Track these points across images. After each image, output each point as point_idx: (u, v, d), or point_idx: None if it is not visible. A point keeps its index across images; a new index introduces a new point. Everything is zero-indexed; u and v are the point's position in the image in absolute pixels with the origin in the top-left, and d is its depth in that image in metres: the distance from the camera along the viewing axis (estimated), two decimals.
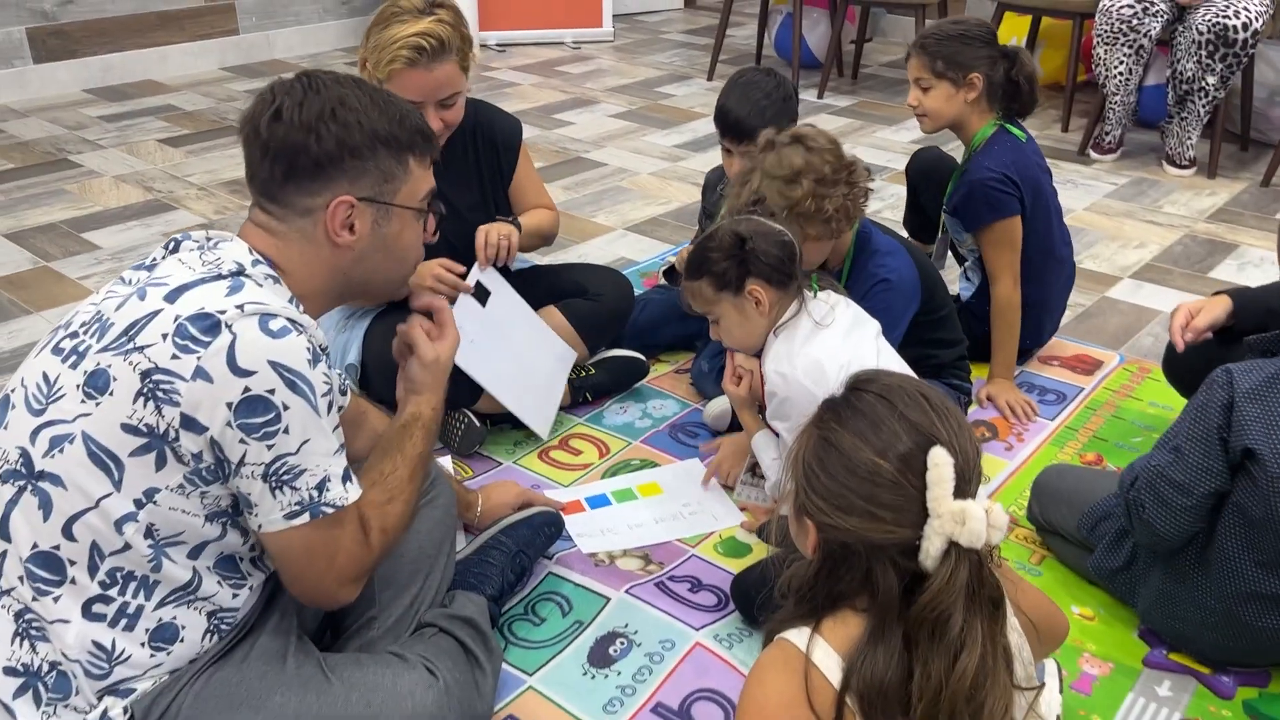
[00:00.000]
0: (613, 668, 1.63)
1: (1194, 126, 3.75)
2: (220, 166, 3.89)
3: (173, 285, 1.20)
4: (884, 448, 1.07)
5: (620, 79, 5.15)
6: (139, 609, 1.23)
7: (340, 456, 1.25)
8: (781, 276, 1.70)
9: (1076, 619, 1.74)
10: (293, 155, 1.26)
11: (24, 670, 1.22)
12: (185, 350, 1.15)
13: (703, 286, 1.73)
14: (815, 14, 5.11)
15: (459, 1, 5.50)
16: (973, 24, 2.30)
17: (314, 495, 1.22)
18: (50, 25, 4.67)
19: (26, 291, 2.90)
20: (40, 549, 1.20)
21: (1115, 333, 2.72)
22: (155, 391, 1.15)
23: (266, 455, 1.18)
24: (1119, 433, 2.27)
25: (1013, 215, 2.25)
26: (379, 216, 1.32)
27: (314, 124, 1.26)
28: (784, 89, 2.33)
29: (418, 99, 1.97)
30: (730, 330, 1.76)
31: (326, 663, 1.35)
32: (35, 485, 1.19)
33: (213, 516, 1.23)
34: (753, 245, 1.67)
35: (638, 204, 3.59)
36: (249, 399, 1.16)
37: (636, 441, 2.24)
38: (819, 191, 1.85)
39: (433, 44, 1.95)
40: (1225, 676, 1.63)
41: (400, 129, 1.31)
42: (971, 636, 1.05)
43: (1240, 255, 3.18)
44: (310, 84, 1.29)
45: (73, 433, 1.18)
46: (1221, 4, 3.50)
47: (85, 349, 1.20)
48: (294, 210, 1.28)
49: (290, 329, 1.19)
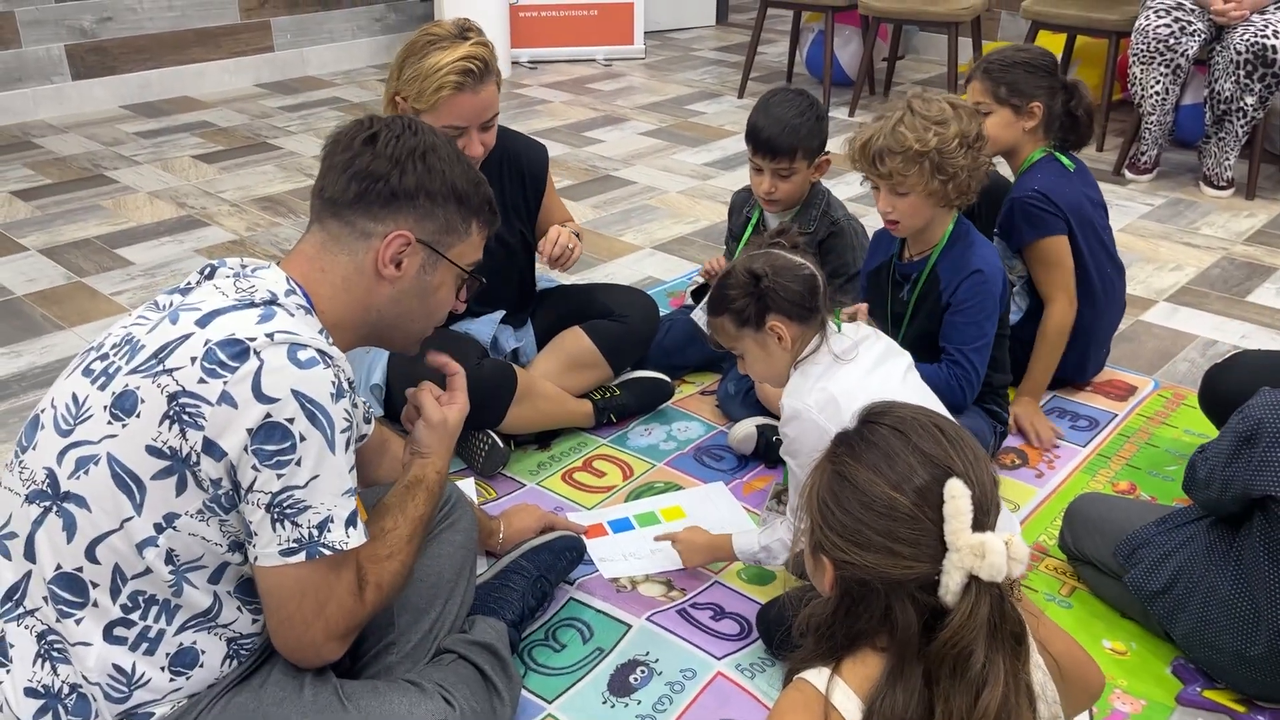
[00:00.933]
0: (633, 696, 1.62)
1: (1232, 147, 3.70)
2: (253, 183, 3.92)
3: (205, 310, 1.22)
4: (899, 480, 1.05)
5: (651, 96, 5.16)
6: (160, 633, 1.23)
7: (349, 500, 1.23)
8: (802, 311, 1.68)
9: (1108, 653, 1.70)
10: (373, 180, 1.30)
11: (45, 692, 1.23)
12: (213, 374, 1.16)
13: (724, 323, 1.72)
14: (847, 31, 5.09)
15: (493, 22, 5.55)
16: (1037, 53, 2.31)
17: (313, 534, 1.20)
18: (89, 42, 4.74)
19: (60, 307, 2.93)
20: (63, 570, 1.20)
21: (1150, 358, 2.68)
22: (181, 414, 1.16)
23: (275, 484, 1.18)
24: (1153, 461, 2.22)
25: (1056, 234, 2.24)
26: (427, 262, 1.35)
27: (403, 159, 1.31)
28: (816, 109, 2.33)
29: (463, 123, 1.99)
30: (754, 365, 1.76)
31: (343, 690, 1.34)
32: (60, 506, 1.20)
33: (235, 546, 1.23)
34: (769, 282, 1.65)
35: (666, 223, 3.58)
36: (268, 425, 1.16)
37: (661, 464, 2.22)
38: (962, 144, 1.89)
39: (479, 66, 1.97)
40: (1260, 716, 1.58)
41: (475, 193, 1.37)
42: (994, 673, 1.02)
43: (1279, 279, 3.12)
44: (409, 125, 1.35)
45: (99, 454, 1.19)
46: (1260, 24, 3.44)
47: (115, 370, 1.21)
48: (353, 231, 1.31)
49: (318, 360, 1.20)
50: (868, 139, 1.94)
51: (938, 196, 1.93)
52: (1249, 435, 1.54)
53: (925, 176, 1.89)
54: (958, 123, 1.89)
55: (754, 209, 2.48)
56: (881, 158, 1.91)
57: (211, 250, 3.30)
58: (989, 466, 1.08)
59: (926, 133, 1.88)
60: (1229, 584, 1.57)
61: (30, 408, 2.44)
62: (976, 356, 2.00)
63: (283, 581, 1.21)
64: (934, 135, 1.87)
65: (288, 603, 1.23)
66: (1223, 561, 1.59)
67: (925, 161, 1.88)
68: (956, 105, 1.93)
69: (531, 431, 2.24)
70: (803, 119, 2.29)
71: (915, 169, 1.88)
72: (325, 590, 1.23)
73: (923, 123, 1.89)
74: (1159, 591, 1.66)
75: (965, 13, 4.44)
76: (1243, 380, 1.93)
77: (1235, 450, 1.55)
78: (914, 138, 1.88)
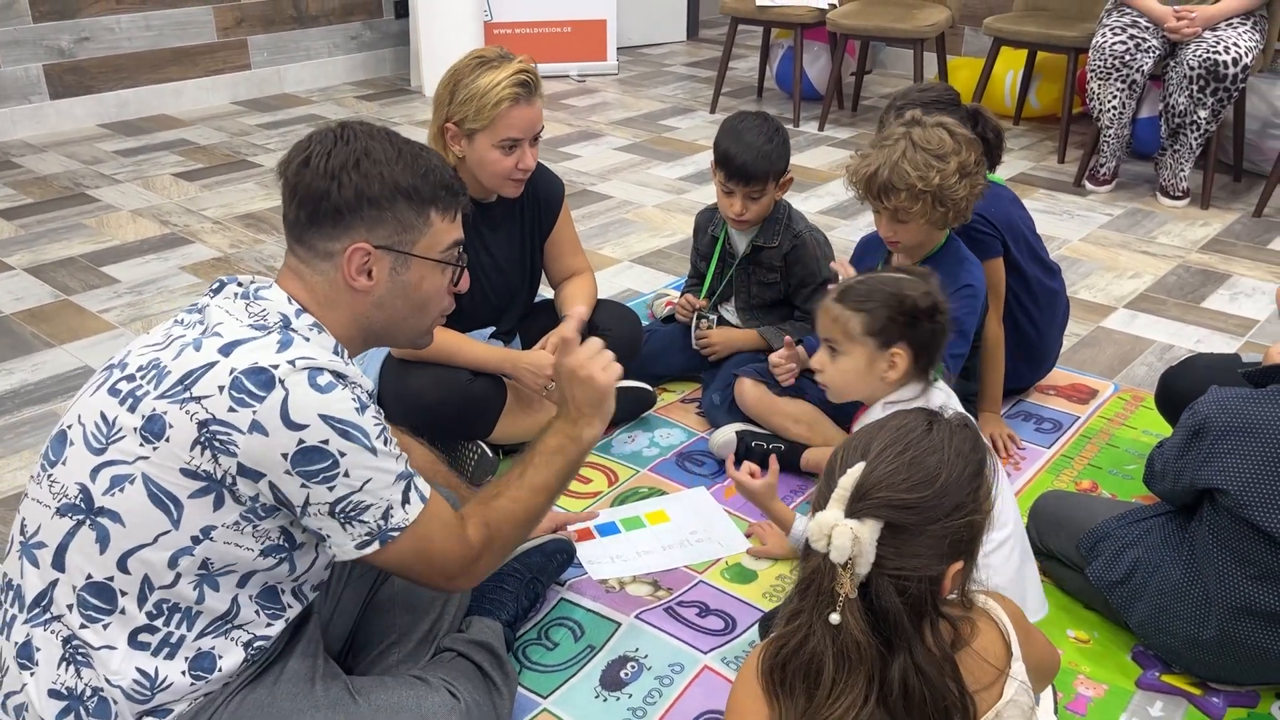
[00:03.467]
0: (624, 690, 1.69)
1: (1187, 159, 3.84)
2: (234, 200, 3.98)
3: (226, 339, 1.27)
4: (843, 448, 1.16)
5: (625, 112, 5.25)
6: (181, 639, 1.29)
7: (400, 482, 1.31)
8: (928, 357, 1.67)
9: (1072, 642, 1.80)
10: (316, 201, 1.33)
11: (68, 694, 1.28)
12: (241, 404, 1.22)
13: (852, 320, 1.66)
14: (816, 48, 5.21)
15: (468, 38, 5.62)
16: (941, 89, 2.41)
17: (380, 525, 1.30)
18: (67, 62, 4.77)
19: (49, 325, 2.98)
20: (94, 579, 1.26)
21: (1110, 362, 2.79)
22: (212, 441, 1.22)
23: (329, 496, 1.26)
24: (1113, 460, 2.33)
25: (994, 257, 2.32)
26: (396, 265, 1.37)
27: (337, 173, 1.32)
28: (781, 132, 2.44)
29: (520, 135, 2.10)
30: (843, 372, 1.70)
31: (353, 685, 1.41)
32: (94, 520, 1.26)
33: (267, 551, 1.30)
34: (933, 321, 1.63)
35: (643, 236, 3.67)
36: (304, 449, 1.23)
37: (644, 470, 2.30)
38: (961, 175, 1.93)
39: (532, 80, 2.10)
40: (1215, 698, 1.68)
41: (423, 182, 1.36)
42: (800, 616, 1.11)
43: (1233, 285, 3.26)
44: (342, 134, 1.35)
45: (133, 474, 1.24)
46: (1212, 40, 3.59)
47: (142, 394, 1.26)
48: (316, 254, 1.35)
49: (335, 383, 1.26)
50: (872, 172, 1.97)
51: (938, 223, 2.00)
52: (1197, 430, 1.64)
53: (928, 209, 1.95)
54: (956, 155, 1.94)
55: (719, 228, 2.58)
56: (886, 193, 1.96)
57: (197, 268, 3.36)
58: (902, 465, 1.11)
59: (929, 171, 1.92)
60: (1181, 572, 1.67)
61: (25, 424, 2.49)
62: (954, 364, 2.09)
63: (385, 563, 1.34)
64: (936, 174, 1.92)
65: (396, 570, 1.36)
66: (1176, 551, 1.70)
67: (928, 196, 1.93)
68: (954, 133, 1.97)
69: (519, 441, 2.31)
70: (772, 144, 2.39)
71: (919, 204, 1.94)
72: (420, 553, 1.34)
73: (924, 158, 1.92)
74: (1118, 582, 1.76)
75: (930, 30, 4.57)
76: (1196, 382, 2.04)
77: (1185, 444, 1.66)
78: (917, 176, 1.92)
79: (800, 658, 1.11)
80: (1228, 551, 1.60)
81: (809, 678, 1.10)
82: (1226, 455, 1.58)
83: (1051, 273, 2.51)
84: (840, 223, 3.77)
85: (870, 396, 1.74)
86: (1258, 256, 3.47)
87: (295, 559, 1.34)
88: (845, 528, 1.07)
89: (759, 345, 2.50)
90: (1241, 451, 1.56)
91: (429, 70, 5.42)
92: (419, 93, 5.53)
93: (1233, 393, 1.67)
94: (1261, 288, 3.23)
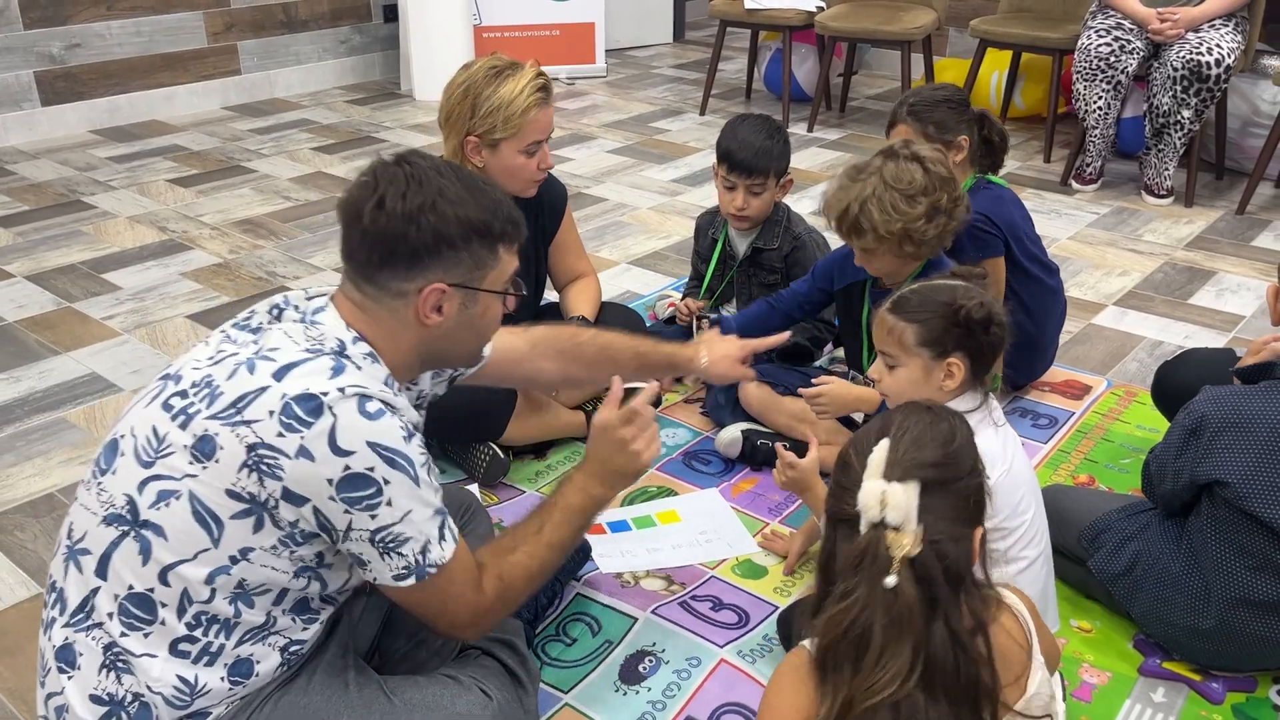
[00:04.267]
0: (643, 684, 1.74)
1: (1170, 158, 3.91)
2: (231, 206, 4.00)
3: (280, 363, 1.28)
4: (855, 439, 1.26)
5: (615, 114, 5.29)
6: (220, 647, 1.32)
7: (437, 518, 1.33)
8: (984, 368, 1.66)
9: (1075, 631, 1.86)
10: (391, 244, 1.32)
11: (108, 699, 1.30)
12: (290, 429, 1.24)
13: (908, 332, 1.65)
14: (804, 49, 5.27)
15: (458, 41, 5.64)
16: (952, 90, 2.46)
17: (419, 560, 1.32)
18: (58, 68, 4.78)
19: (53, 332, 2.99)
20: (135, 590, 1.28)
21: (1102, 358, 2.86)
22: (260, 465, 1.24)
23: (371, 524, 1.28)
24: (1109, 455, 2.39)
25: (997, 255, 2.38)
26: (466, 300, 1.39)
27: (415, 215, 1.31)
28: (782, 133, 2.51)
29: (542, 136, 2.19)
30: (900, 382, 1.69)
31: (385, 684, 1.44)
32: (139, 532, 1.28)
33: (300, 572, 1.33)
34: (990, 333, 1.63)
35: (639, 238, 3.71)
36: (349, 476, 1.25)
37: (652, 469, 2.34)
38: (929, 216, 1.93)
39: (547, 81, 2.18)
40: (1215, 683, 1.74)
41: (494, 218, 1.37)
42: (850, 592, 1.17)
43: (1218, 282, 3.33)
44: (413, 174, 1.33)
45: (180, 490, 1.27)
46: (1195, 41, 3.66)
47: (195, 412, 1.28)
48: (387, 293, 1.35)
49: (385, 411, 1.27)
50: (843, 210, 1.99)
51: (909, 257, 2.02)
52: (1194, 428, 1.70)
53: (894, 247, 1.97)
54: (926, 196, 1.93)
55: (720, 230, 2.62)
56: (854, 232, 1.99)
57: (198, 274, 3.38)
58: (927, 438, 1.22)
59: (893, 215, 1.93)
60: (1180, 565, 1.73)
61: (35, 431, 2.51)
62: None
63: (405, 599, 1.36)
64: (899, 219, 1.93)
65: (416, 610, 1.39)
66: (1175, 545, 1.75)
67: (893, 238, 1.96)
68: (930, 169, 1.95)
69: (529, 442, 2.35)
70: (772, 141, 2.46)
71: (885, 245, 1.95)
72: (441, 596, 1.36)
73: (893, 199, 1.93)
74: (1120, 574, 1.81)
75: (917, 32, 4.63)
76: (1190, 375, 2.11)
77: (1184, 443, 1.71)
78: (882, 219, 1.93)
79: (851, 634, 1.16)
80: (1227, 544, 1.66)
81: (858, 651, 1.16)
82: (1225, 450, 1.63)
83: (1050, 272, 2.57)
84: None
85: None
86: (1241, 253, 3.54)
87: (327, 578, 1.37)
88: (896, 488, 1.15)
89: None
90: (1240, 445, 1.62)
91: (419, 74, 5.45)
92: (409, 96, 5.55)
93: (1227, 390, 1.73)
94: (1246, 284, 3.30)
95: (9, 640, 1.87)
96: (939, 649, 1.15)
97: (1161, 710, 1.70)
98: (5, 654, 1.84)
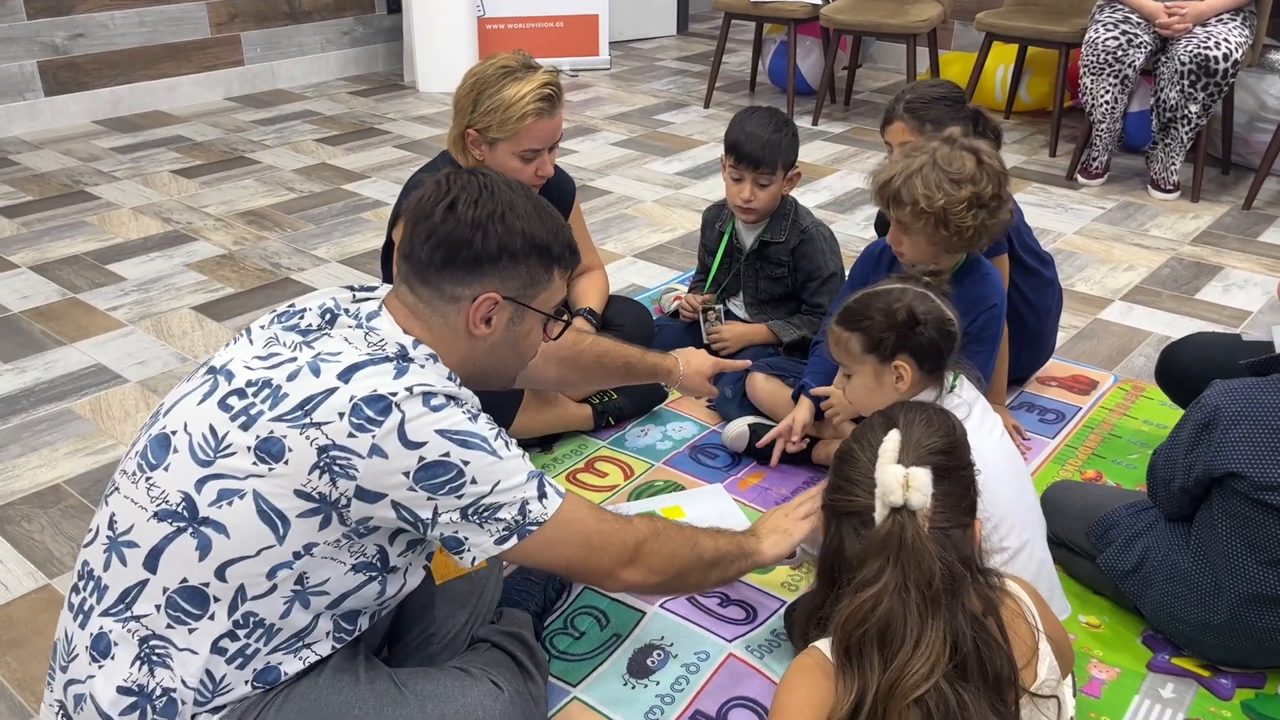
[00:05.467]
0: (651, 678, 1.74)
1: (1177, 152, 3.90)
2: (235, 197, 3.99)
3: (345, 364, 1.29)
4: (859, 433, 1.32)
5: (619, 107, 5.28)
6: (255, 651, 1.32)
7: (532, 480, 1.34)
8: (934, 364, 1.69)
9: (1084, 626, 1.85)
10: (456, 247, 1.35)
11: (137, 691, 1.30)
12: (361, 429, 1.25)
13: (852, 340, 1.70)
14: (808, 42, 5.26)
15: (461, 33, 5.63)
16: (949, 86, 2.43)
17: (518, 520, 1.33)
18: (61, 58, 4.77)
19: (58, 323, 2.99)
20: (189, 584, 1.28)
21: (1109, 353, 2.85)
22: (332, 466, 1.25)
23: (458, 504, 1.29)
24: (1116, 450, 2.39)
25: (1001, 252, 2.38)
26: (515, 315, 1.42)
27: (483, 222, 1.35)
28: (791, 126, 2.50)
29: (540, 146, 2.14)
30: (857, 390, 1.74)
31: (397, 676, 1.44)
32: (197, 529, 1.28)
33: (358, 567, 1.33)
34: (923, 329, 1.65)
35: (644, 231, 3.71)
36: (426, 465, 1.27)
37: (659, 463, 2.34)
38: (972, 206, 1.92)
39: (555, 91, 2.12)
40: (1224, 679, 1.74)
41: (555, 241, 1.41)
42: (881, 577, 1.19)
43: (1225, 277, 3.32)
44: (485, 183, 1.38)
45: (244, 490, 1.27)
46: (1202, 35, 3.65)
47: (257, 414, 1.28)
48: (442, 296, 1.37)
49: (448, 403, 1.29)
50: (888, 179, 1.98)
51: (942, 245, 2.00)
52: (1206, 422, 1.69)
53: (930, 229, 1.95)
54: (973, 185, 1.92)
55: (727, 223, 2.62)
56: (893, 202, 1.97)
57: (203, 265, 3.37)
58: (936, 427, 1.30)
59: (937, 192, 1.91)
60: (1190, 561, 1.72)
61: (42, 422, 2.51)
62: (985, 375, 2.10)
63: (523, 558, 1.38)
64: (942, 197, 1.91)
65: (558, 564, 1.41)
66: (1183, 541, 1.75)
67: (931, 216, 1.93)
68: (984, 161, 1.95)
69: (536, 435, 2.35)
70: (780, 134, 2.45)
71: (921, 222, 1.94)
72: (563, 545, 1.38)
73: (937, 179, 1.92)
74: (1129, 571, 1.81)
75: (922, 25, 4.62)
76: (1194, 357, 2.11)
77: (1196, 437, 1.71)
78: (924, 194, 1.92)
79: (877, 620, 1.17)
80: (1238, 538, 1.66)
81: (885, 638, 1.17)
82: (1239, 441, 1.63)
83: (1045, 263, 2.56)
84: (837, 217, 3.82)
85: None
86: (1248, 248, 3.54)
87: (387, 582, 1.37)
88: (918, 471, 1.20)
89: (768, 339, 2.55)
90: (1255, 438, 1.62)
91: (422, 66, 5.44)
92: (412, 88, 5.54)
93: (1238, 382, 1.73)
94: (1253, 279, 3.29)
95: (16, 631, 1.87)
96: (961, 633, 1.17)
97: (1170, 706, 1.70)
98: (13, 645, 1.84)
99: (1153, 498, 1.83)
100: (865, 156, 4.51)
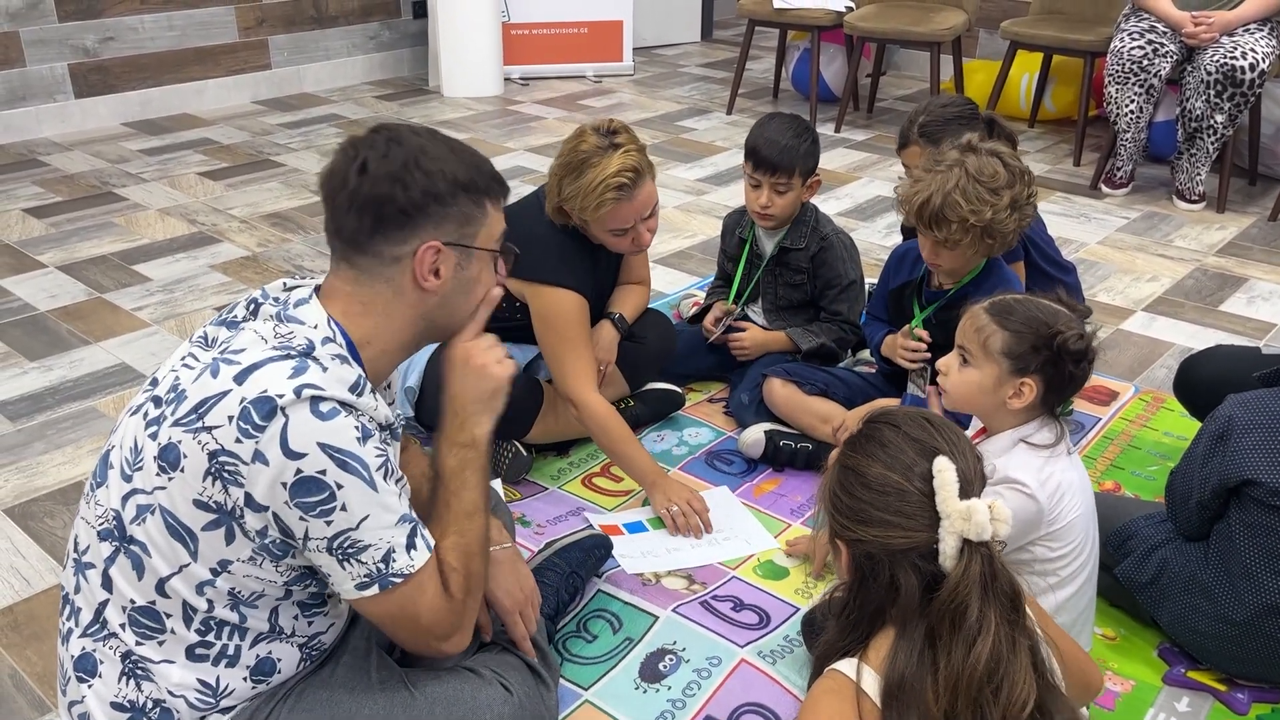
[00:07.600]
0: (663, 682, 1.74)
1: (1203, 162, 3.87)
2: (260, 199, 4.03)
3: (244, 364, 1.23)
4: (891, 462, 1.23)
5: (642, 113, 5.29)
6: (237, 649, 1.32)
7: (403, 526, 1.27)
8: (1058, 397, 1.63)
9: (1099, 638, 1.84)
10: (380, 204, 1.29)
11: (130, 706, 1.31)
12: (246, 435, 1.20)
13: (996, 335, 1.61)
14: (831, 49, 5.25)
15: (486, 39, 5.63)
16: (961, 102, 2.43)
17: (380, 568, 1.26)
18: (91, 61, 4.83)
19: (84, 322, 3.03)
20: (139, 603, 1.28)
21: (1130, 364, 2.83)
22: (222, 472, 1.21)
23: (327, 530, 1.23)
24: (1135, 462, 2.37)
25: (1018, 259, 2.37)
26: (461, 259, 1.35)
27: (400, 173, 1.29)
28: (811, 133, 2.48)
29: (627, 225, 2.11)
30: (966, 383, 1.65)
31: (407, 677, 1.45)
32: (128, 548, 1.27)
33: (293, 581, 1.30)
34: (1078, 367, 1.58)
35: (664, 237, 3.71)
36: (301, 480, 1.20)
37: (674, 469, 2.35)
38: (1011, 208, 1.93)
39: (631, 176, 2.06)
40: (1240, 693, 1.73)
41: (478, 174, 1.35)
42: (986, 625, 1.16)
43: (1250, 289, 3.29)
44: (391, 136, 1.32)
45: (153, 504, 1.25)
46: (1229, 45, 3.62)
47: (162, 420, 1.26)
48: (382, 260, 1.31)
49: (339, 411, 1.22)
50: (924, 200, 1.96)
51: (983, 253, 2.02)
52: (1221, 433, 1.68)
53: (976, 240, 1.96)
54: (1010, 189, 1.94)
55: (747, 230, 2.62)
56: (937, 223, 1.96)
57: (227, 266, 3.41)
58: (972, 448, 1.26)
59: (983, 206, 1.92)
60: (1208, 573, 1.71)
61: (66, 420, 2.54)
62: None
63: (372, 611, 1.30)
64: (989, 208, 1.92)
65: (387, 625, 1.33)
66: (1202, 553, 1.74)
67: (978, 229, 1.95)
68: (1009, 164, 1.96)
69: (554, 440, 2.36)
70: (799, 140, 2.43)
71: (969, 237, 1.94)
72: (411, 608, 1.30)
73: (978, 191, 1.92)
74: (1147, 582, 1.80)
75: (947, 33, 4.61)
76: (1214, 370, 2.09)
77: (1211, 449, 1.70)
78: (970, 209, 1.92)
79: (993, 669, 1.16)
80: (1257, 549, 1.64)
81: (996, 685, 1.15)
82: (1254, 448, 1.62)
83: (1067, 271, 2.56)
84: (859, 224, 3.81)
85: (988, 419, 1.68)
86: (1274, 260, 3.50)
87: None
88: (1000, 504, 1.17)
89: (787, 346, 2.55)
90: (1269, 444, 1.61)
91: (447, 70, 5.47)
92: (437, 93, 5.57)
93: (1252, 394, 1.72)
94: (1278, 291, 3.26)
95: (37, 626, 1.90)
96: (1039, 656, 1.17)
97: None
98: (34, 640, 1.87)
99: (1172, 519, 1.81)
100: (888, 164, 4.50)
